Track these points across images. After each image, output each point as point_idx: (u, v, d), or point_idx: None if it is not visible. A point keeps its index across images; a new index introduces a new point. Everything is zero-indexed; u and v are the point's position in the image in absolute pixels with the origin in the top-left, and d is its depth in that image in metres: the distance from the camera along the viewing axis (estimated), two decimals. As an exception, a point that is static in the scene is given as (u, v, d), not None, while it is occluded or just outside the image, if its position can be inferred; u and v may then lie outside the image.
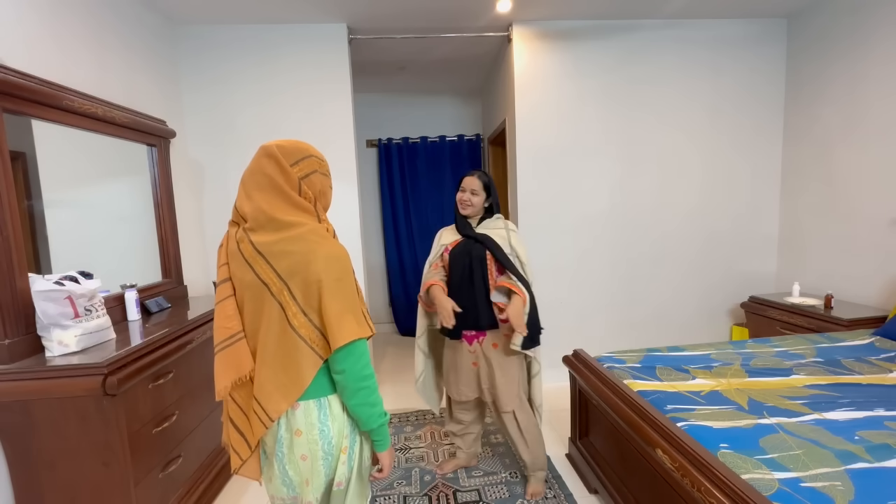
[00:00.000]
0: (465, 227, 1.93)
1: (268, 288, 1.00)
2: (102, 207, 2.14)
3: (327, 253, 0.99)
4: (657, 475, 1.45)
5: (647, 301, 3.30)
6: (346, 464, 1.07)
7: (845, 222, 2.79)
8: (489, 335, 1.89)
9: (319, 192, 1.07)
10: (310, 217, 1.04)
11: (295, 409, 1.04)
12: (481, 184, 1.91)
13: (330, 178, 1.13)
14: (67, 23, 1.94)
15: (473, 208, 1.92)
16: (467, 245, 1.89)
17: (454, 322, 1.78)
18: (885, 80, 2.50)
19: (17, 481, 1.48)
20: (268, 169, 1.01)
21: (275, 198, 1.01)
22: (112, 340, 1.69)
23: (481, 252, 1.86)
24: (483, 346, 1.90)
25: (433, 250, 2.02)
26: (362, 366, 1.01)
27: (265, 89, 2.88)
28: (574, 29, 3.02)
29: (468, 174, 1.94)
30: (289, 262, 0.98)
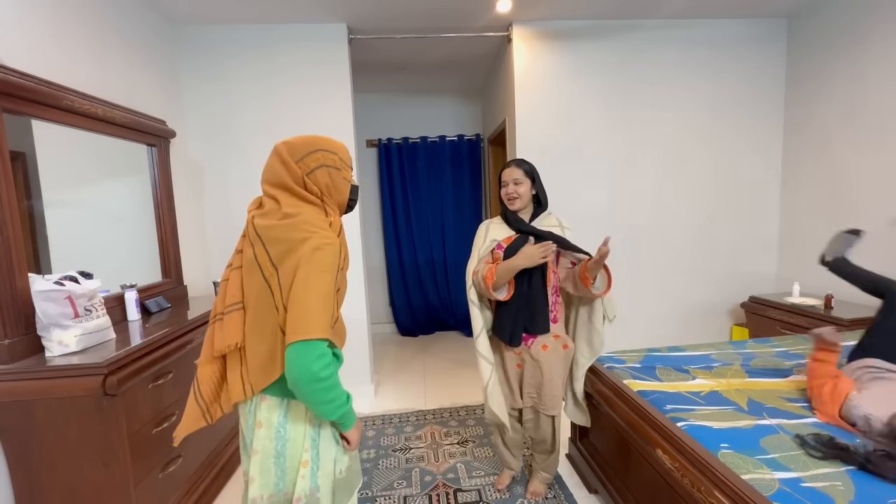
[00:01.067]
0: (519, 221, 1.77)
1: (261, 270, 1.02)
2: (102, 207, 2.14)
3: (315, 243, 0.98)
4: (657, 475, 1.45)
5: (647, 301, 3.30)
6: (307, 479, 1.04)
7: (845, 222, 2.78)
8: (540, 338, 1.78)
9: (326, 186, 1.07)
10: (314, 209, 1.05)
11: (262, 401, 1.06)
12: (523, 171, 1.75)
13: (345, 171, 1.11)
14: (68, 22, 1.94)
15: (521, 200, 1.75)
16: (524, 243, 1.73)
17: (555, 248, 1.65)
18: (885, 80, 2.50)
19: (17, 481, 1.48)
20: (275, 166, 1.06)
21: (281, 192, 1.05)
22: (112, 340, 1.69)
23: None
24: (532, 349, 1.78)
25: (480, 245, 1.82)
26: (319, 367, 0.95)
27: (265, 89, 2.88)
28: (574, 29, 3.02)
29: (506, 166, 1.78)
30: (281, 249, 1.00)
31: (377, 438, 2.56)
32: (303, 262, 0.97)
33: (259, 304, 1.03)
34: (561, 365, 1.80)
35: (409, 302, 4.68)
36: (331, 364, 0.98)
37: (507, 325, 1.76)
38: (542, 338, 1.77)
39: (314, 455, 1.06)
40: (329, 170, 1.08)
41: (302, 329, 0.94)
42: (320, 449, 1.07)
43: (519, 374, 1.82)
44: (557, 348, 1.79)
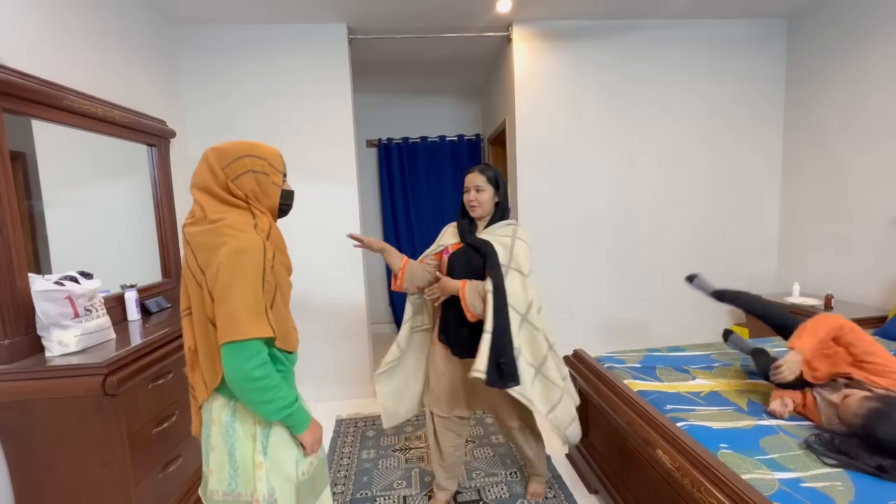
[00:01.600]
0: (466, 232, 1.70)
1: (193, 276, 1.04)
2: (102, 207, 2.14)
3: (234, 246, 0.98)
4: (657, 475, 1.45)
5: (647, 301, 3.30)
6: (263, 481, 1.04)
7: (845, 222, 2.79)
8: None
9: (252, 191, 1.08)
10: (240, 213, 1.06)
11: (215, 399, 1.09)
12: (485, 178, 1.66)
13: (274, 176, 1.11)
14: (68, 22, 1.94)
15: (482, 208, 1.67)
16: (466, 254, 1.67)
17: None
18: (885, 80, 2.50)
19: (17, 481, 1.48)
20: (202, 171, 1.07)
21: (207, 197, 1.06)
22: (112, 340, 1.69)
23: (479, 263, 1.62)
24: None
25: (434, 244, 1.81)
26: (251, 367, 0.96)
27: (265, 89, 2.88)
28: (574, 29, 3.02)
29: (469, 171, 1.70)
30: (205, 254, 1.01)
31: (377, 438, 2.56)
32: (224, 265, 0.97)
33: (199, 308, 1.05)
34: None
35: (409, 302, 4.67)
36: (266, 364, 0.99)
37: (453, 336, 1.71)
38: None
39: (266, 457, 1.07)
40: (256, 175, 1.08)
41: (230, 330, 0.96)
42: (271, 451, 1.08)
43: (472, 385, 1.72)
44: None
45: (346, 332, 3.09)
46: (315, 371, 3.09)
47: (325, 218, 3.00)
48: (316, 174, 2.95)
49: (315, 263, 3.02)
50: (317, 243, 3.00)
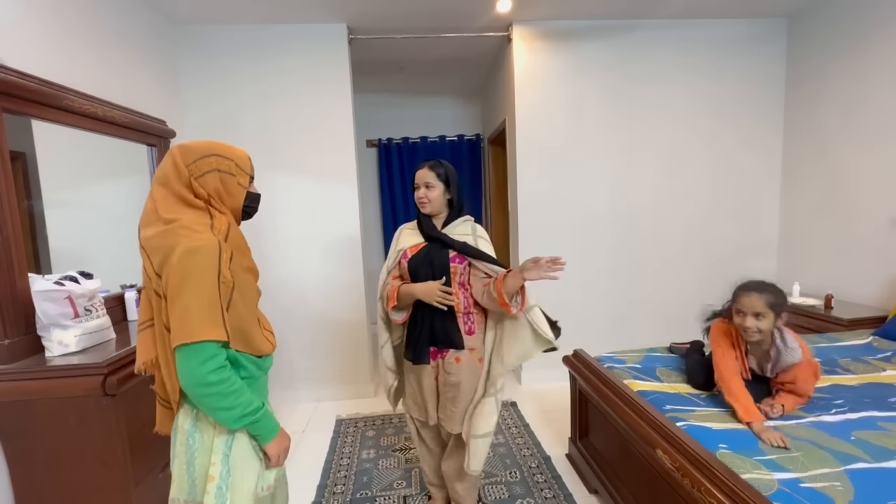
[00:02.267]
0: (431, 227, 1.62)
1: (150, 281, 1.00)
2: (102, 207, 2.14)
3: (186, 246, 0.94)
4: (657, 475, 1.45)
5: (647, 301, 3.30)
6: (212, 496, 0.99)
7: (845, 222, 2.79)
8: (452, 351, 1.62)
9: (215, 190, 1.05)
10: (197, 213, 1.03)
11: (180, 407, 1.06)
12: (435, 174, 1.60)
13: (238, 177, 1.09)
14: (68, 22, 1.94)
15: (431, 205, 1.61)
16: (430, 251, 1.60)
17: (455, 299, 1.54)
18: (885, 80, 2.50)
19: (17, 481, 1.48)
20: (166, 166, 1.05)
21: (166, 194, 1.03)
22: (112, 340, 1.69)
23: (445, 259, 1.57)
24: (445, 361, 1.62)
25: (391, 254, 1.69)
26: (206, 371, 0.92)
27: (265, 89, 2.88)
28: (574, 29, 3.02)
29: (419, 167, 1.63)
30: (160, 257, 0.96)
31: (377, 438, 2.56)
32: (176, 265, 0.93)
33: (158, 316, 1.00)
34: (472, 379, 1.64)
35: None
36: (223, 368, 0.95)
37: (411, 342, 1.64)
38: (454, 351, 1.61)
39: (223, 471, 1.01)
40: (222, 174, 1.06)
41: (183, 332, 0.92)
42: (234, 464, 1.03)
43: (435, 388, 1.67)
44: (472, 362, 1.63)
45: (345, 332, 3.09)
46: (315, 371, 3.09)
47: (325, 218, 3.00)
48: (316, 174, 2.96)
49: (315, 263, 3.02)
50: (317, 243, 3.00)
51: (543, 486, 2.07)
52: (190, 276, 0.93)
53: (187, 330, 0.92)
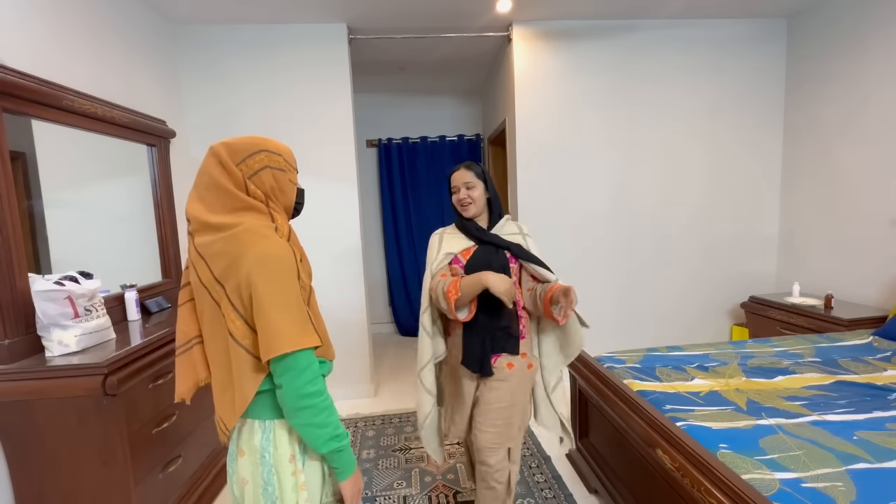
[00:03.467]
0: (481, 231, 1.56)
1: (208, 291, 0.94)
2: (102, 207, 2.14)
3: (260, 252, 0.88)
4: (657, 475, 1.45)
5: (647, 301, 3.30)
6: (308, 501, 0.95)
7: (845, 222, 2.79)
8: (504, 356, 1.52)
9: (271, 189, 0.98)
10: (258, 216, 0.96)
11: (242, 425, 0.98)
12: (474, 174, 1.56)
13: (289, 173, 1.02)
14: (68, 22, 1.94)
15: (475, 206, 1.57)
16: (487, 254, 1.52)
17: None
18: (885, 80, 2.50)
19: (17, 481, 1.48)
20: (211, 169, 0.95)
21: (218, 198, 0.94)
22: (112, 340, 1.69)
23: (504, 261, 1.52)
24: (495, 368, 1.51)
25: (434, 258, 1.58)
26: (304, 382, 0.88)
27: (265, 89, 2.88)
28: (574, 29, 3.02)
29: (454, 169, 1.59)
30: (224, 264, 0.90)
31: (377, 438, 2.56)
32: (256, 274, 0.87)
33: (213, 331, 0.95)
34: (523, 386, 1.56)
35: (410, 301, 4.68)
36: (319, 379, 0.91)
37: (477, 352, 1.49)
38: (506, 356, 1.52)
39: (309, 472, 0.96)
40: (274, 171, 0.99)
41: (281, 342, 0.86)
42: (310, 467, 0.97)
43: (475, 400, 1.55)
44: (522, 367, 1.54)
45: (346, 332, 3.08)
46: (315, 371, 3.09)
47: (325, 218, 3.00)
48: (316, 174, 2.95)
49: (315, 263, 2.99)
50: (317, 243, 3.00)
51: (543, 486, 2.07)
52: (276, 283, 0.88)
53: (284, 340, 0.86)
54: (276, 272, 0.89)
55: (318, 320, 0.99)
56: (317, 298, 1.07)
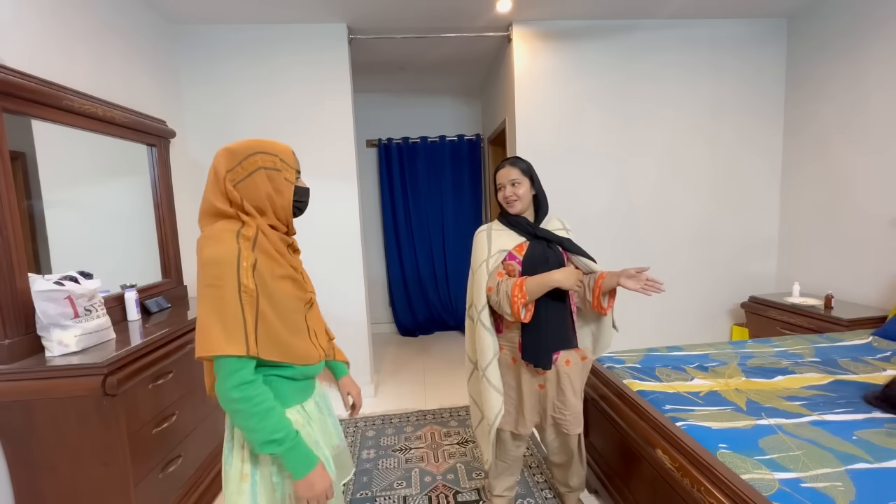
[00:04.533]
0: (531, 225, 1.58)
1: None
2: (102, 207, 2.14)
3: (205, 255, 0.93)
4: (657, 475, 1.45)
5: (646, 300, 3.29)
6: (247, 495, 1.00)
7: (845, 222, 2.79)
8: (563, 353, 1.58)
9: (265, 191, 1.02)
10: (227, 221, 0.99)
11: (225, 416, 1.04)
12: (520, 170, 1.56)
13: (285, 172, 1.06)
14: (67, 22, 1.94)
15: (521, 202, 1.56)
16: (543, 250, 1.54)
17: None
18: (885, 79, 2.50)
19: (17, 481, 1.48)
20: (209, 172, 1.04)
21: (203, 205, 1.04)
22: (112, 340, 1.69)
23: (560, 257, 1.55)
24: (557, 366, 1.57)
25: (485, 256, 1.56)
26: (228, 387, 0.90)
27: (265, 89, 2.88)
28: (574, 29, 3.02)
29: (500, 167, 1.59)
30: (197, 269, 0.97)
31: (377, 438, 2.56)
32: (198, 276, 0.93)
33: None
34: (582, 379, 1.65)
35: (409, 302, 4.68)
36: (248, 385, 0.91)
37: (540, 346, 1.52)
38: (564, 353, 1.58)
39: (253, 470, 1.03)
40: (269, 172, 1.02)
41: (201, 345, 0.90)
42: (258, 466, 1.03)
43: (539, 396, 1.61)
44: (578, 361, 1.62)
45: (346, 332, 3.08)
46: (315, 371, 3.09)
47: (326, 218, 3.00)
48: (316, 174, 2.95)
49: (315, 264, 3.00)
50: (317, 243, 3.00)
51: (543, 486, 2.07)
52: (208, 287, 0.91)
53: (206, 343, 0.89)
54: (214, 276, 0.91)
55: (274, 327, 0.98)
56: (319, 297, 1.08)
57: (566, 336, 1.59)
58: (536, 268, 1.51)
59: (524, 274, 1.51)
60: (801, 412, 1.50)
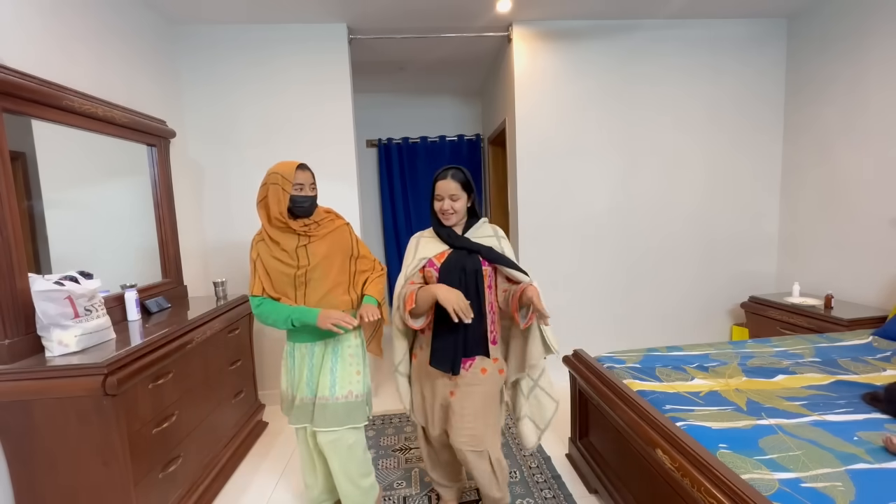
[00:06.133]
0: (454, 236, 1.62)
1: None
2: (102, 207, 2.14)
3: None
4: (657, 475, 1.45)
5: (647, 301, 3.30)
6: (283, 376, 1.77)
7: (845, 222, 2.79)
8: (478, 360, 1.60)
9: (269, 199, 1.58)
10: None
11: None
12: (458, 185, 1.58)
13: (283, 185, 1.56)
14: (67, 22, 1.94)
15: (457, 215, 1.61)
16: (459, 258, 1.58)
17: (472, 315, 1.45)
18: (885, 80, 2.50)
19: (17, 481, 1.48)
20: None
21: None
22: (112, 340, 1.69)
23: (477, 265, 1.57)
24: (469, 373, 1.58)
25: (409, 263, 1.65)
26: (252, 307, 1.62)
27: (265, 89, 2.88)
28: (574, 29, 3.02)
29: (440, 177, 1.59)
30: None
31: (377, 438, 2.56)
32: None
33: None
34: (495, 392, 1.63)
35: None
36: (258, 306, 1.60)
37: (448, 351, 1.55)
38: (479, 360, 1.59)
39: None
40: (270, 186, 1.56)
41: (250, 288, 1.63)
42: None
43: (448, 402, 1.61)
44: (495, 372, 1.62)
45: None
46: (315, 371, 3.09)
47: (325, 218, 2.99)
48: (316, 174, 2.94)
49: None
50: (317, 243, 3.00)
51: (543, 486, 2.07)
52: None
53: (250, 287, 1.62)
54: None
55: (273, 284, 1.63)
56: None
57: (478, 343, 1.58)
58: (449, 274, 1.56)
59: (440, 281, 1.56)
60: (801, 412, 1.50)
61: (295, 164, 1.57)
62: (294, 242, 1.60)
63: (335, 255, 1.67)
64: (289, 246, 1.59)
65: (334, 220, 1.73)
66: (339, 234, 1.71)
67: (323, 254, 1.63)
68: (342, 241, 1.71)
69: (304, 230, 1.61)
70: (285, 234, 1.59)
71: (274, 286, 1.61)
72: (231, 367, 2.37)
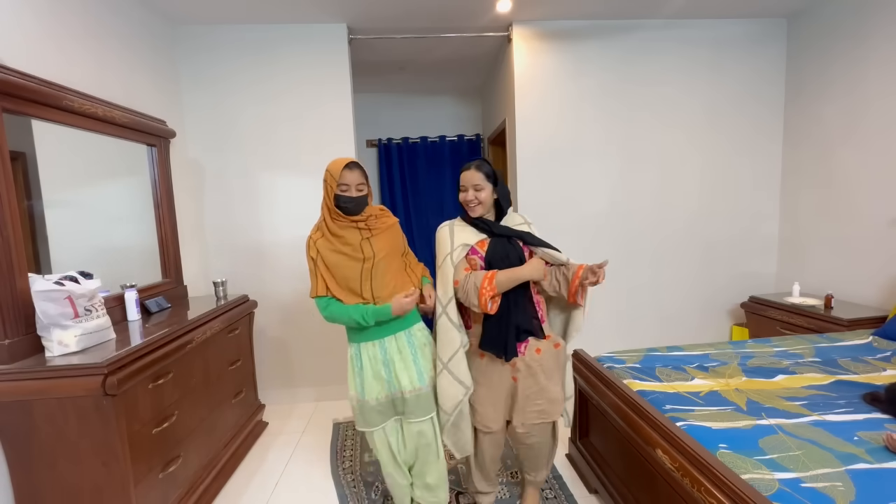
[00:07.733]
0: (490, 223, 1.64)
1: None
2: (102, 207, 2.14)
3: None
4: (657, 475, 1.45)
5: (647, 301, 3.29)
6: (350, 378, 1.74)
7: (845, 222, 2.79)
8: (531, 342, 1.63)
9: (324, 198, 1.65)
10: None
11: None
12: (483, 175, 1.60)
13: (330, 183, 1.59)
14: (67, 22, 1.94)
15: (483, 206, 1.62)
16: (503, 246, 1.61)
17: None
18: (886, 81, 2.49)
19: (17, 481, 1.48)
20: None
21: None
22: (112, 340, 1.69)
23: (520, 251, 1.61)
24: (526, 356, 1.62)
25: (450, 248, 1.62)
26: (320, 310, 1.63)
27: (265, 89, 2.88)
28: (574, 29, 3.02)
29: (465, 168, 1.63)
30: None
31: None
32: None
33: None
34: (556, 365, 1.67)
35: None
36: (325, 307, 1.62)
37: (501, 337, 1.58)
38: (533, 342, 1.63)
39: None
40: (326, 184, 1.61)
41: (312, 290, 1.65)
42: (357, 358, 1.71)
43: (513, 388, 1.64)
44: (549, 349, 1.65)
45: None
46: (314, 372, 3.09)
47: (325, 218, 3.00)
48: (316, 174, 2.94)
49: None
50: (317, 243, 3.00)
51: (543, 486, 2.07)
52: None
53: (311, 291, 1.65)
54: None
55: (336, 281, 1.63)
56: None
57: (529, 325, 1.63)
58: (498, 263, 1.59)
59: (487, 266, 1.61)
60: (801, 412, 1.50)
61: (343, 163, 1.57)
62: (357, 236, 1.62)
63: (395, 250, 1.72)
64: (353, 240, 1.61)
65: (389, 217, 1.77)
66: (395, 231, 1.76)
67: (387, 248, 1.66)
68: (397, 238, 1.76)
69: (364, 224, 1.64)
70: (348, 230, 1.61)
71: (338, 283, 1.61)
72: (231, 367, 2.37)
